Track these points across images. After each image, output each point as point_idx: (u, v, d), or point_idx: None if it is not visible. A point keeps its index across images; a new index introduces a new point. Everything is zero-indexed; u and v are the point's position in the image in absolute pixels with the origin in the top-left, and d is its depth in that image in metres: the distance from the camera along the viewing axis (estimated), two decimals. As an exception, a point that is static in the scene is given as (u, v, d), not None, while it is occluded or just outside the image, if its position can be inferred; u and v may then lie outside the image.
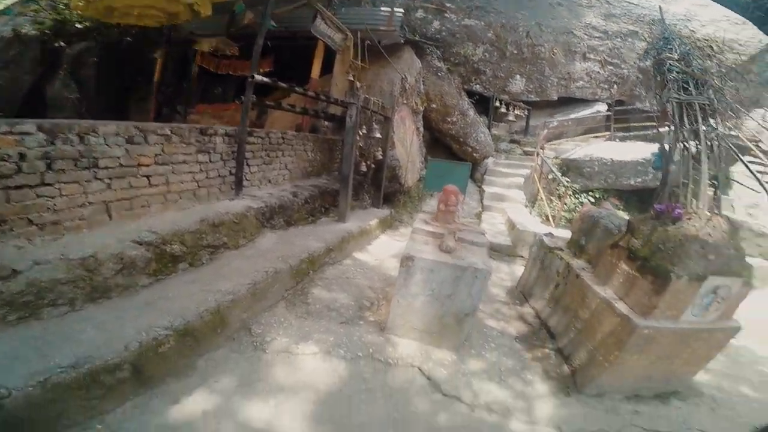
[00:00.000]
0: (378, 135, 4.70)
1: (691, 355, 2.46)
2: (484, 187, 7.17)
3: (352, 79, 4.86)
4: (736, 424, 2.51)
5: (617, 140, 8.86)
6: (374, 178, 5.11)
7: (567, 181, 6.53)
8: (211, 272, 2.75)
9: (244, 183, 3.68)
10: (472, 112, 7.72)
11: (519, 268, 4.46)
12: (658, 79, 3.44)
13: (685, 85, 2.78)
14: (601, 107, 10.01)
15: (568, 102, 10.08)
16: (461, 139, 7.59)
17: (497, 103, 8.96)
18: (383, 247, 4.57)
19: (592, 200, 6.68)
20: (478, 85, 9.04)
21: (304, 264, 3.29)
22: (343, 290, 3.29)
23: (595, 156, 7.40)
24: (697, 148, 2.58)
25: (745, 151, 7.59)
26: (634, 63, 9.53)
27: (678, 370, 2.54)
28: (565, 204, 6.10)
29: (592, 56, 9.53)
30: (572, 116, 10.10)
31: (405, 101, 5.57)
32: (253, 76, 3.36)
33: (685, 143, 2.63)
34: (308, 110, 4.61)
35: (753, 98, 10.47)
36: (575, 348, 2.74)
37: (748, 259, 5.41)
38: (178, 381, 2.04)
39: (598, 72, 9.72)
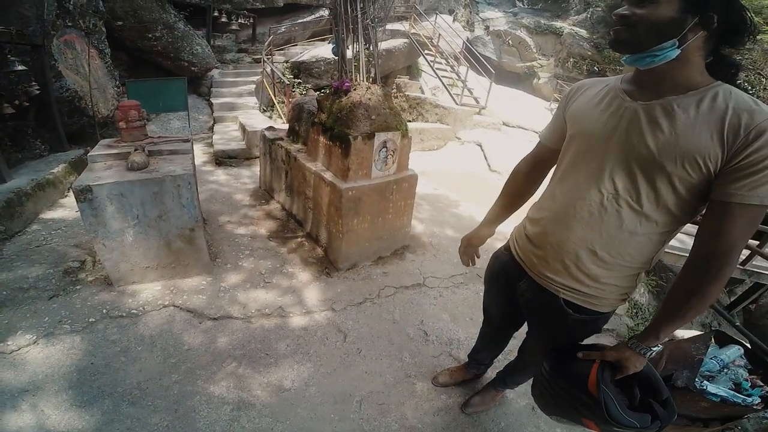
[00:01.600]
0: (20, 67, 3.35)
1: (395, 207, 2.87)
2: (213, 100, 6.75)
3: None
4: (453, 264, 3.05)
5: (338, 42, 9.65)
6: (41, 118, 3.74)
7: (298, 81, 6.80)
8: None
9: None
10: (182, 25, 6.65)
11: (258, 169, 4.46)
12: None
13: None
14: (324, 12, 10.47)
15: (294, 8, 10.14)
16: (172, 55, 6.55)
17: (216, 13, 8.03)
18: (86, 192, 3.59)
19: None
20: (193, -4, 7.76)
21: (-55, 256, 2.23)
22: (36, 262, 2.49)
23: (320, 56, 7.88)
24: (355, 32, 2.84)
25: (425, 46, 9.82)
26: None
27: (394, 224, 2.95)
28: (297, 102, 6.50)
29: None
30: (299, 21, 10.23)
31: (71, 23, 4.20)
32: None
33: (348, 29, 2.84)
34: None
35: (433, 5, 13.18)
36: (317, 228, 3.00)
37: (430, 125, 7.22)
38: None
39: (319, -22, 9.89)
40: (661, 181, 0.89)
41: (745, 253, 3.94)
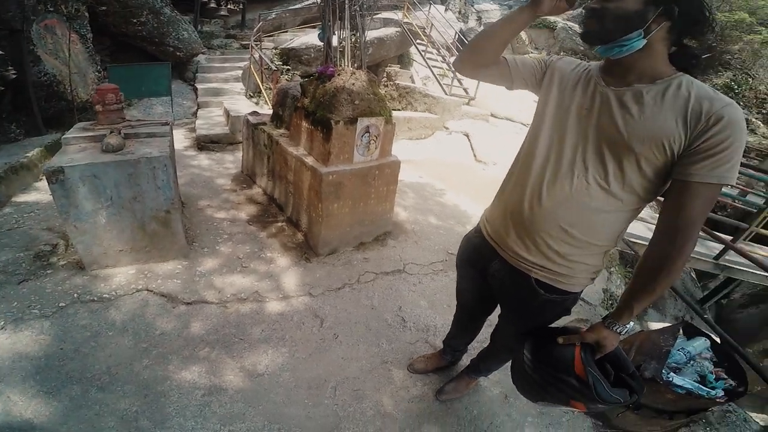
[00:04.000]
0: (-2, 52, 3.28)
1: (377, 192, 2.89)
2: (198, 85, 6.65)
3: None
4: (434, 251, 3.10)
5: (329, 29, 9.52)
6: (18, 103, 3.68)
7: (287, 68, 6.73)
8: None
9: None
10: (168, 10, 6.50)
11: (241, 155, 4.41)
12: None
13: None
14: (316, -1, 10.30)
15: (283, -6, 9.93)
16: (157, 40, 6.44)
17: (205, -1, 7.87)
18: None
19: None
20: (182, -18, 7.57)
21: None
22: (6, 246, 2.46)
23: (310, 43, 7.78)
24: (342, 19, 2.80)
25: (417, 36, 9.72)
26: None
27: (376, 209, 2.97)
28: (285, 89, 6.46)
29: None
30: (290, 8, 10.05)
31: (52, 8, 4.13)
32: None
33: (335, 15, 2.80)
34: None
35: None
36: (298, 212, 3.01)
37: (418, 114, 7.17)
38: None
39: (313, -37, 9.67)
40: (629, 161, 0.94)
41: (719, 247, 4.01)
